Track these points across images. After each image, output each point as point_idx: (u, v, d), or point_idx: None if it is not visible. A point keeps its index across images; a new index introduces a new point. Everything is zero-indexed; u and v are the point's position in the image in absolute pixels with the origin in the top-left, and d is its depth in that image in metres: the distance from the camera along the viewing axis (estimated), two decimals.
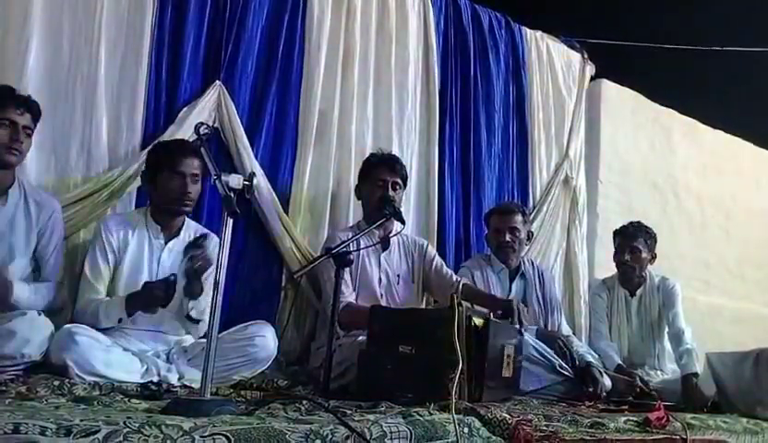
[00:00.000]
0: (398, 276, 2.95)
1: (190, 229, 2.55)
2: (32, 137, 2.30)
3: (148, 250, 2.43)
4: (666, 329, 3.54)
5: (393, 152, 3.39)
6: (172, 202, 2.43)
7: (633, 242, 3.55)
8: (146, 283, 2.26)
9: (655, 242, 3.62)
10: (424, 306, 3.12)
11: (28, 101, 2.23)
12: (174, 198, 2.42)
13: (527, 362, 2.60)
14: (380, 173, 2.93)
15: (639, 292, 3.61)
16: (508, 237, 3.28)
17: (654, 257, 3.62)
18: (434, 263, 3.04)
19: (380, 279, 2.90)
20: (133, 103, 2.76)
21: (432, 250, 3.13)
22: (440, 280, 3.00)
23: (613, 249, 3.70)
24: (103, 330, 2.24)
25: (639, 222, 3.64)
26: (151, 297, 2.20)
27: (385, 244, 2.95)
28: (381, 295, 2.87)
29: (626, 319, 3.60)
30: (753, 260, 5.29)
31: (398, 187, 2.95)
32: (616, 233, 3.69)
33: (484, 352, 2.16)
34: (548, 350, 2.79)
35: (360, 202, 3.08)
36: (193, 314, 2.35)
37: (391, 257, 2.97)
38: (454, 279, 3.00)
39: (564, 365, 2.79)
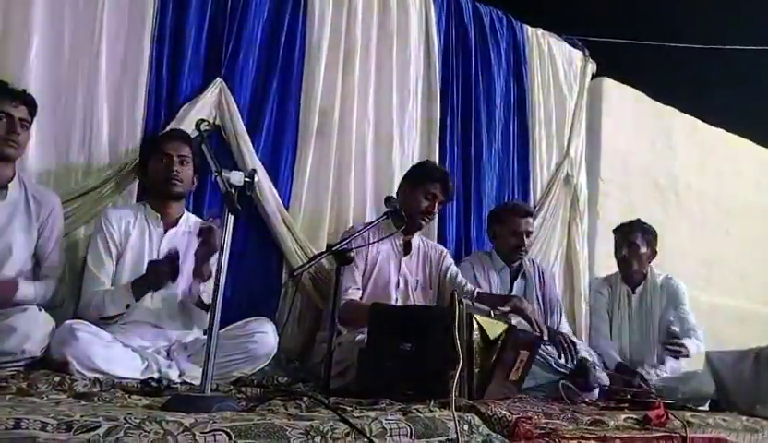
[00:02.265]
0: (417, 281, 2.95)
1: (190, 221, 2.56)
2: (31, 132, 2.31)
3: (148, 241, 2.44)
4: (676, 329, 3.53)
5: (394, 150, 3.41)
6: (160, 183, 2.46)
7: (630, 237, 3.57)
8: (150, 262, 2.27)
9: (655, 238, 3.62)
10: None
11: (23, 94, 2.24)
12: (161, 179, 2.45)
13: None
14: (434, 187, 2.93)
15: (639, 289, 3.60)
16: (526, 241, 3.31)
17: (654, 254, 3.62)
18: (449, 271, 3.04)
19: (398, 283, 2.89)
20: (134, 99, 2.75)
21: (449, 258, 3.13)
22: (454, 288, 2.98)
23: (613, 248, 3.71)
24: (105, 325, 2.24)
25: (638, 220, 3.65)
26: (157, 274, 2.22)
27: (406, 248, 2.95)
28: (396, 300, 2.86)
29: (627, 317, 3.59)
30: (754, 259, 5.29)
31: (440, 207, 3.03)
32: (615, 230, 3.72)
33: (499, 358, 2.16)
34: (545, 348, 2.79)
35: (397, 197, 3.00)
36: (204, 298, 2.32)
37: (411, 262, 2.96)
38: (469, 287, 2.98)
39: (559, 362, 2.79)
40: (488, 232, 3.52)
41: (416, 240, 3.02)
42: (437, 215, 3.09)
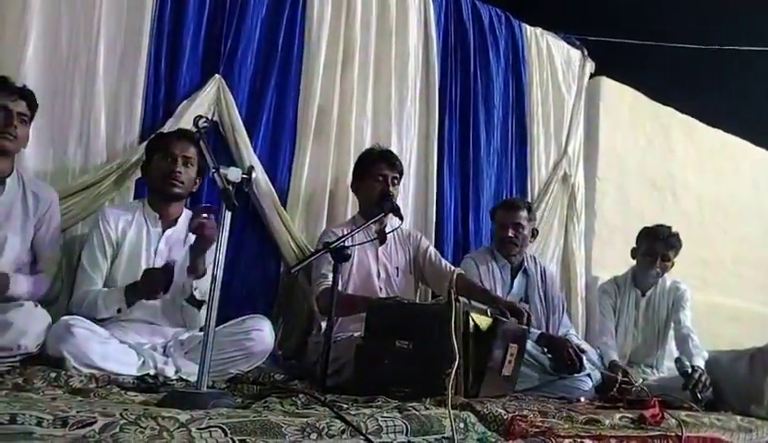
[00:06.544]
0: (397, 268, 2.94)
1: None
2: (30, 127, 2.30)
3: (146, 239, 2.43)
4: (673, 331, 3.53)
5: (392, 148, 3.39)
6: (161, 182, 2.44)
7: (668, 251, 3.50)
8: (146, 270, 2.25)
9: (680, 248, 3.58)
10: (418, 298, 3.12)
11: (22, 89, 2.23)
12: (162, 178, 2.43)
13: None
14: (380, 168, 2.91)
15: (649, 292, 3.59)
16: (510, 233, 3.23)
17: (673, 264, 3.60)
18: (428, 254, 3.02)
19: (379, 272, 2.89)
20: (132, 96, 2.75)
21: (426, 241, 3.11)
22: (435, 270, 2.97)
23: (614, 247, 3.68)
24: (101, 322, 2.23)
25: (677, 233, 3.55)
26: (151, 283, 2.19)
27: (382, 238, 2.95)
28: (381, 289, 2.86)
29: (633, 319, 3.57)
30: (750, 259, 5.31)
31: (396, 182, 2.95)
32: (653, 235, 3.55)
33: (489, 351, 2.16)
34: (538, 353, 2.79)
35: (356, 197, 3.07)
36: (197, 294, 2.30)
37: (389, 251, 2.95)
38: (449, 268, 2.96)
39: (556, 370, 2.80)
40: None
41: (389, 228, 2.97)
42: (397, 194, 2.95)
